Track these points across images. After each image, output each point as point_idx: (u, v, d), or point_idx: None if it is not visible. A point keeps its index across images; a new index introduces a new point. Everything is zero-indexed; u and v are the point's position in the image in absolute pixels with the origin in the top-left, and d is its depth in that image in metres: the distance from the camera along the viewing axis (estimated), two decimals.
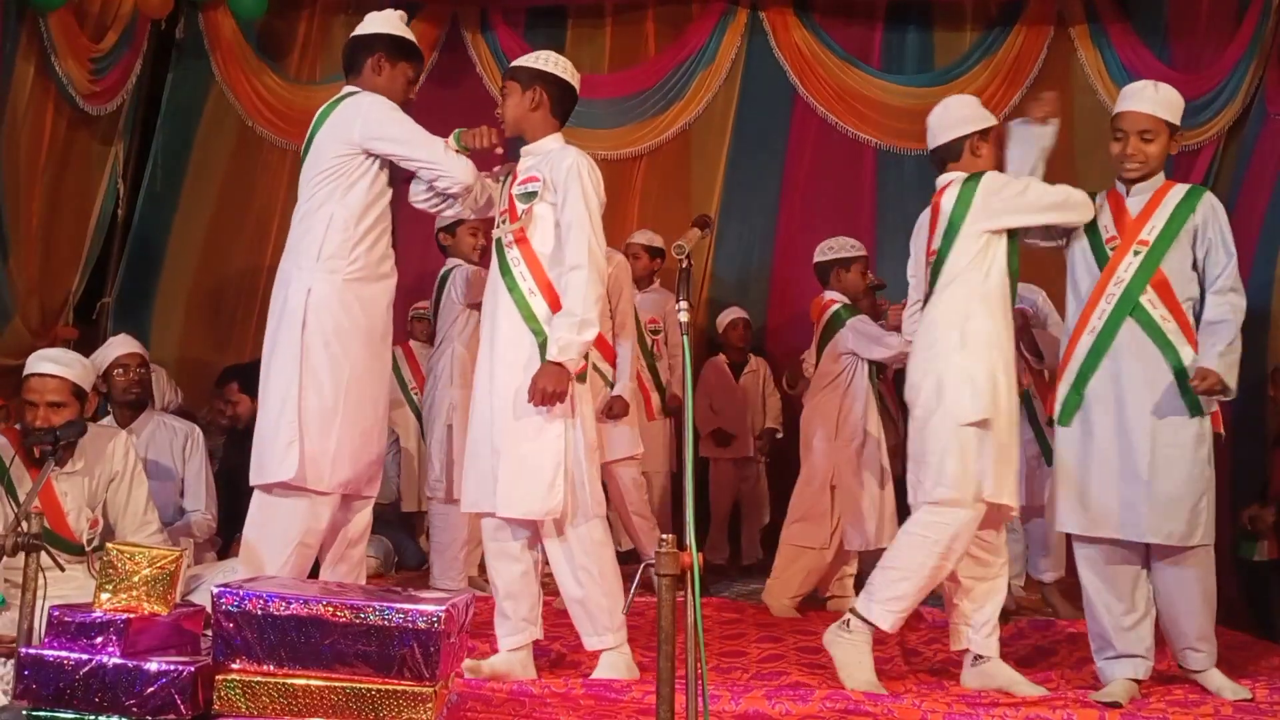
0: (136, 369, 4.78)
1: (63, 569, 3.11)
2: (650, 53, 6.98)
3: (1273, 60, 5.88)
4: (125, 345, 4.84)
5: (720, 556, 6.44)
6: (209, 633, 2.76)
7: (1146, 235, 3.49)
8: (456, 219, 5.02)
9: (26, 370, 3.80)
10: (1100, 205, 3.61)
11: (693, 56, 6.82)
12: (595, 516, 3.50)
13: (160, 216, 6.68)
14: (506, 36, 6.79)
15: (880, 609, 3.49)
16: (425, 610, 2.67)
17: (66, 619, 2.70)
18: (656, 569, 2.34)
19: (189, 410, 5.63)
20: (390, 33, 3.72)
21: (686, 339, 2.57)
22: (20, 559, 2.93)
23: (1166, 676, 3.62)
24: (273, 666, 2.68)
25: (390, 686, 2.66)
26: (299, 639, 2.67)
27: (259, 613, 2.67)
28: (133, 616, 2.72)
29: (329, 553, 3.64)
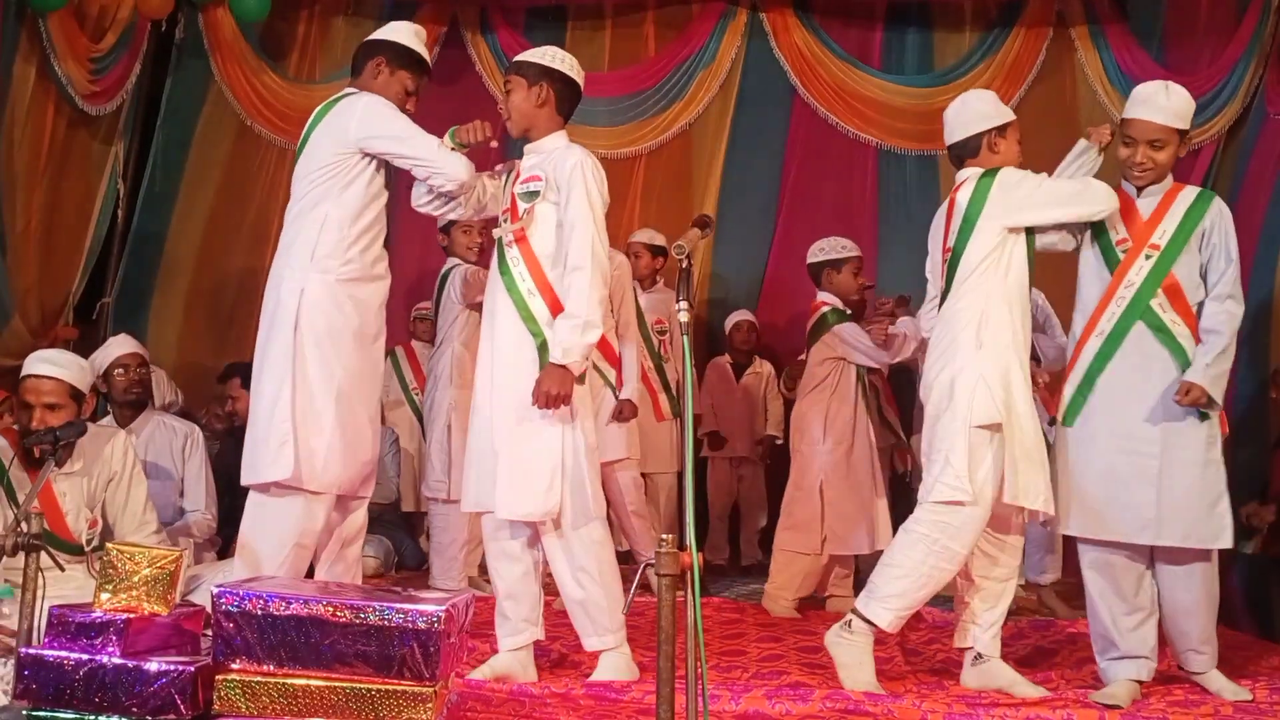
0: (137, 369, 4.78)
1: (63, 569, 3.11)
2: (650, 53, 6.98)
3: (1272, 60, 5.88)
4: (125, 345, 4.84)
5: (720, 557, 6.44)
6: (209, 633, 2.76)
7: (1158, 239, 3.49)
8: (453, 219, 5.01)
9: (23, 371, 3.79)
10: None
11: (693, 56, 6.82)
12: (595, 518, 3.49)
13: (160, 217, 6.68)
14: (506, 36, 6.79)
15: (879, 606, 3.48)
16: (425, 610, 2.67)
17: (66, 619, 2.70)
18: (656, 569, 2.34)
19: (188, 410, 5.64)
20: (396, 40, 3.70)
21: (687, 339, 2.57)
22: (20, 559, 2.93)
23: (1167, 677, 3.62)
24: (273, 666, 2.68)
25: (390, 686, 2.66)
26: (299, 639, 2.67)
27: (259, 613, 2.67)
28: (133, 616, 2.72)
29: (324, 552, 3.63)
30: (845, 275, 5.07)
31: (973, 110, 3.71)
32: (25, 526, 2.90)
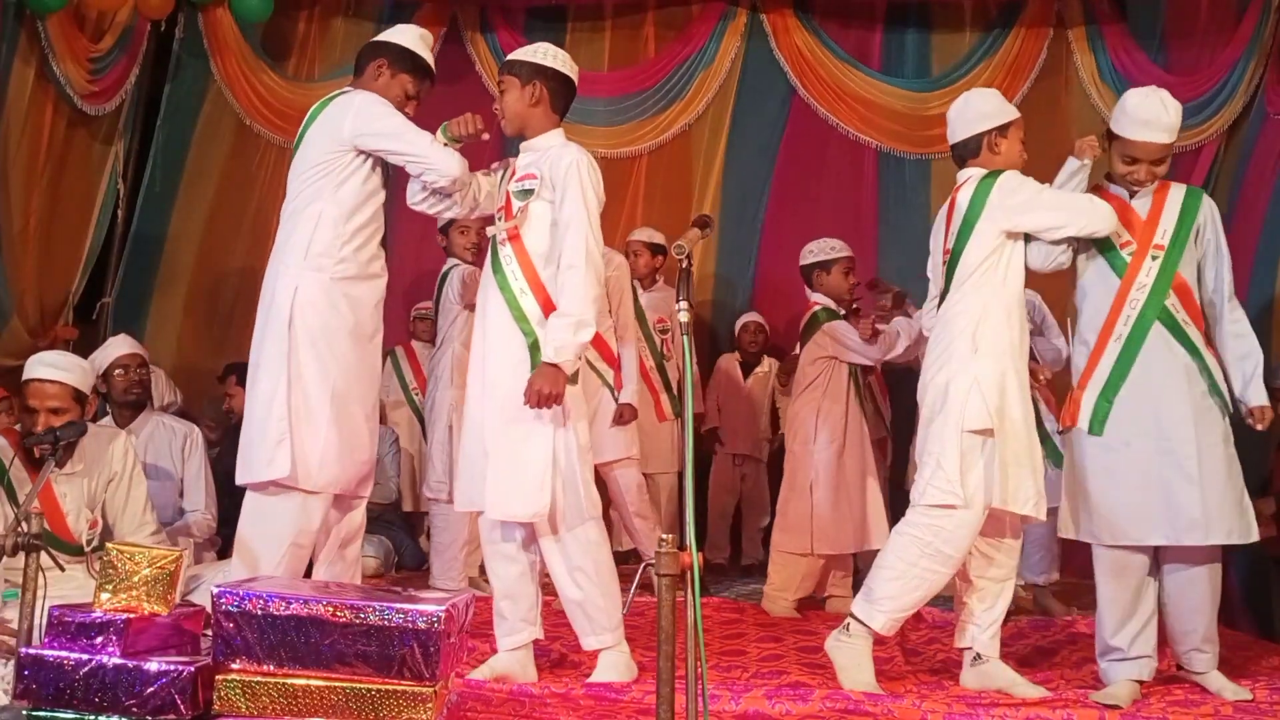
0: (136, 370, 4.78)
1: (63, 569, 3.11)
2: (650, 53, 6.98)
3: (1272, 60, 5.88)
4: (125, 346, 4.84)
5: (720, 555, 6.44)
6: (209, 633, 2.76)
7: (1160, 240, 3.49)
8: (451, 218, 5.00)
9: (26, 374, 3.78)
10: None
11: (693, 57, 6.82)
12: (590, 518, 3.47)
13: (160, 217, 6.68)
14: (506, 36, 6.78)
15: (874, 609, 3.49)
16: (425, 610, 2.67)
17: (66, 619, 2.70)
18: (656, 569, 2.33)
19: (187, 410, 5.63)
20: (399, 43, 3.68)
21: (687, 339, 2.56)
22: (20, 559, 2.93)
23: (1167, 677, 3.62)
24: (273, 666, 2.67)
25: (390, 686, 2.66)
26: (299, 639, 2.67)
27: (259, 613, 2.67)
28: (133, 616, 2.72)
29: (322, 552, 3.62)
30: (835, 276, 5.07)
31: (975, 109, 3.70)
32: (25, 526, 2.90)
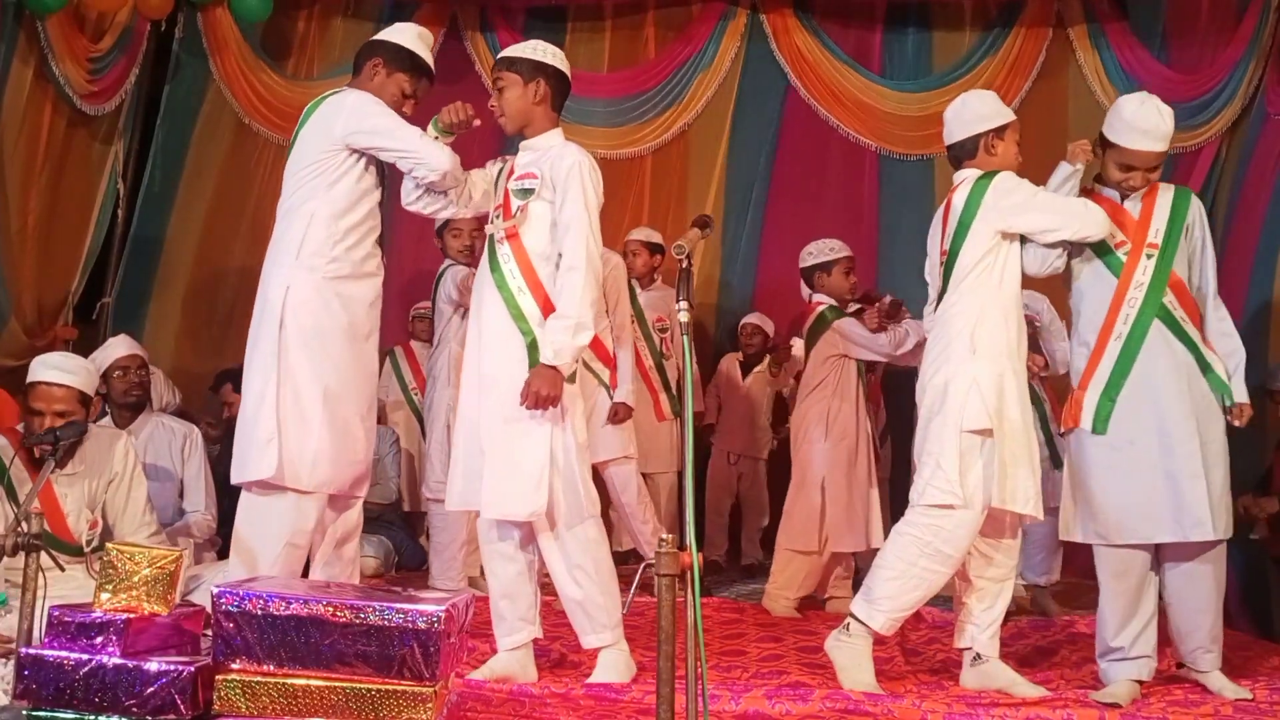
0: (136, 371, 4.78)
1: (63, 569, 3.11)
2: (650, 53, 6.98)
3: (1272, 60, 5.88)
4: (125, 347, 4.83)
5: (716, 552, 6.43)
6: (209, 633, 2.76)
7: (1154, 239, 3.51)
8: (446, 220, 4.98)
9: (32, 377, 3.77)
10: None
11: (693, 58, 6.82)
12: (589, 516, 3.47)
13: (159, 216, 6.68)
14: (506, 36, 6.78)
15: (873, 609, 3.50)
16: (425, 610, 2.67)
17: (66, 619, 2.70)
18: (656, 569, 2.33)
19: (187, 410, 5.63)
20: (396, 42, 3.66)
21: (687, 339, 2.56)
22: (20, 559, 2.93)
23: (1167, 677, 3.62)
24: (273, 666, 2.67)
25: (390, 686, 2.65)
26: (299, 639, 2.66)
27: (259, 613, 2.67)
28: (133, 616, 2.72)
29: (319, 552, 3.60)
30: (836, 277, 5.07)
31: (971, 111, 3.70)
32: (25, 526, 2.90)
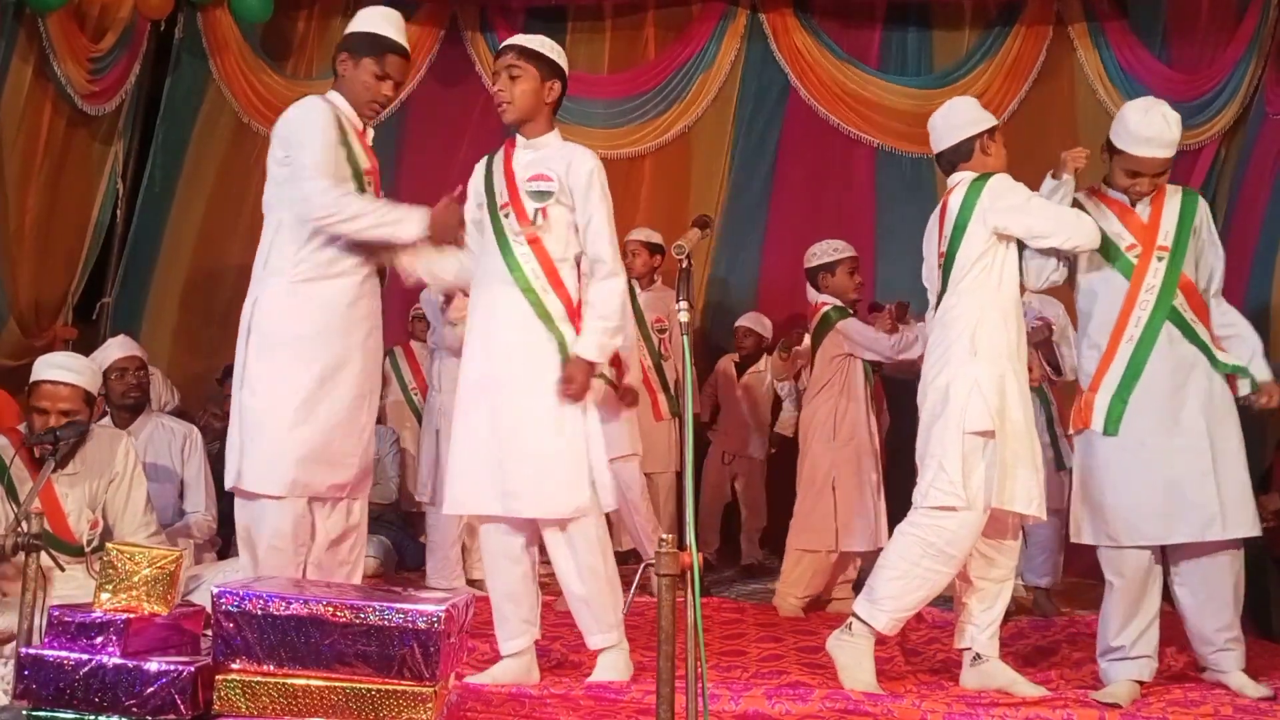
0: (135, 372, 4.78)
1: (63, 569, 3.11)
2: (650, 53, 6.98)
3: (1272, 60, 5.89)
4: (123, 348, 4.83)
5: (707, 550, 6.41)
6: (209, 633, 2.76)
7: (1164, 241, 3.52)
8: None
9: (36, 376, 3.76)
10: (1100, 212, 3.58)
11: (693, 58, 6.82)
12: (601, 514, 3.49)
13: (159, 216, 6.68)
14: (506, 37, 6.76)
15: (875, 609, 3.50)
16: (425, 610, 2.67)
17: (66, 619, 2.70)
18: (656, 569, 2.34)
19: (185, 410, 5.63)
20: (355, 30, 3.61)
21: (687, 339, 2.56)
22: (20, 559, 2.93)
23: (1167, 677, 3.62)
24: (273, 666, 2.67)
25: (390, 686, 2.66)
26: (299, 639, 2.66)
27: (259, 613, 2.67)
28: (133, 616, 2.72)
29: (310, 553, 3.58)
30: (840, 277, 5.08)
31: (962, 116, 3.72)
32: (25, 526, 2.90)
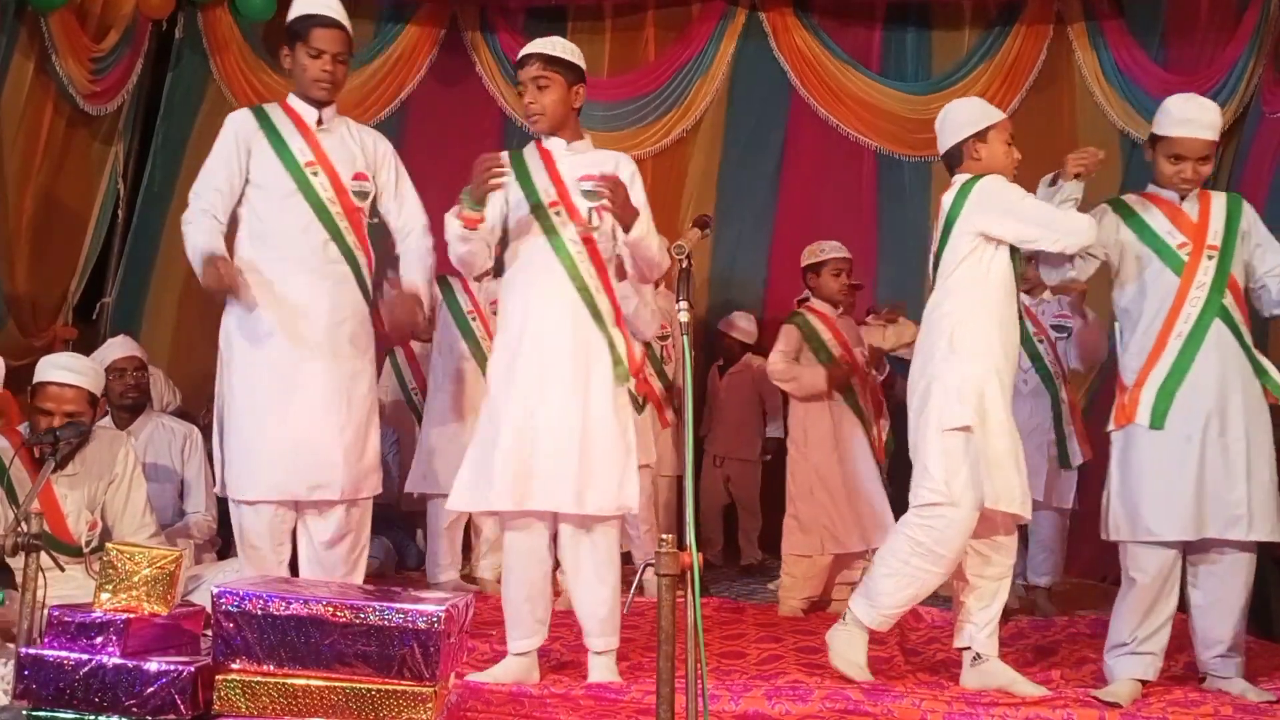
0: (134, 372, 4.78)
1: (63, 569, 3.11)
2: (650, 53, 6.97)
3: (1270, 60, 5.89)
4: (122, 348, 4.83)
5: (709, 550, 6.39)
6: (209, 633, 2.76)
7: (1214, 240, 3.53)
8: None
9: (40, 377, 3.76)
10: (1149, 212, 3.58)
11: (693, 60, 6.81)
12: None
13: (159, 216, 6.66)
14: (506, 37, 6.78)
15: (868, 605, 3.55)
16: (425, 610, 2.67)
17: (66, 619, 2.70)
18: (656, 569, 2.34)
19: (186, 410, 5.62)
20: (287, 23, 3.63)
21: (687, 339, 2.56)
22: (20, 559, 2.93)
23: (1166, 677, 3.62)
24: (273, 666, 2.67)
25: (390, 686, 2.66)
26: (299, 639, 2.67)
27: (259, 613, 2.67)
28: (133, 616, 2.72)
29: (302, 555, 3.62)
30: (825, 277, 5.10)
31: (953, 120, 3.71)
32: (25, 526, 2.90)
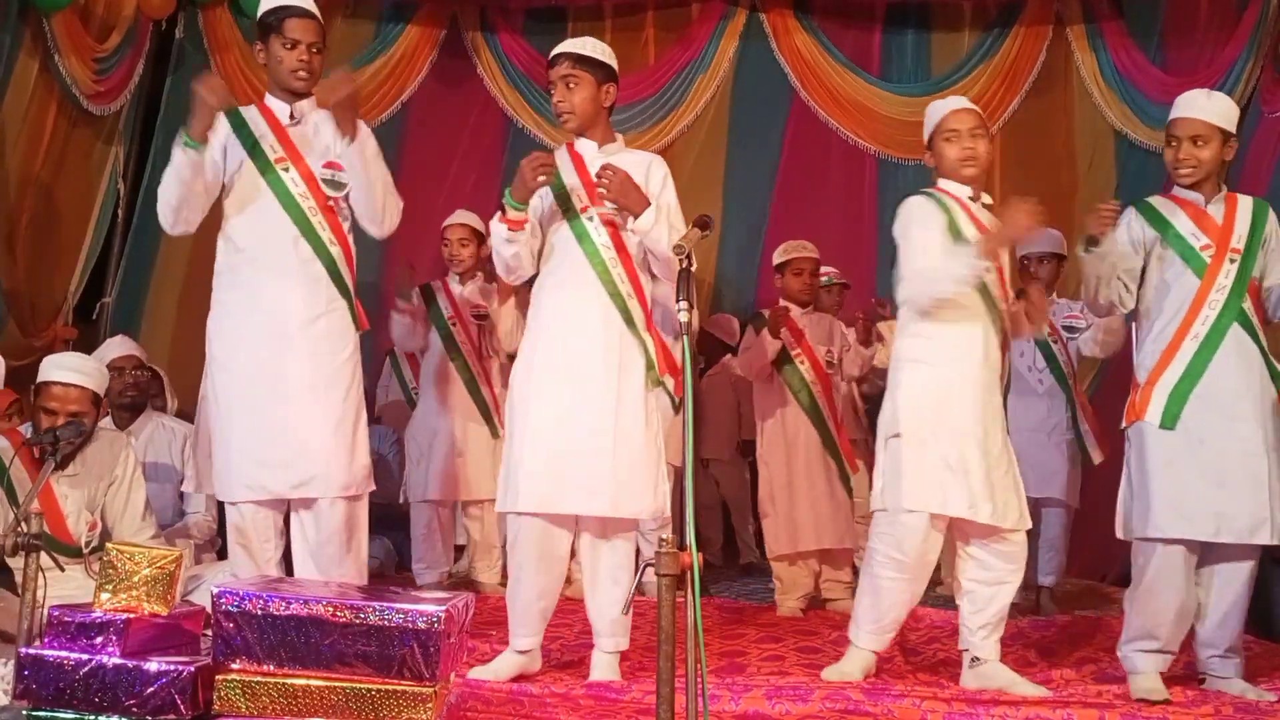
0: (132, 371, 4.78)
1: (62, 569, 3.11)
2: (650, 54, 6.98)
3: (1269, 60, 5.90)
4: (121, 348, 4.83)
5: (709, 550, 6.40)
6: (209, 633, 2.76)
7: (1237, 244, 3.52)
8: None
9: (44, 377, 3.76)
10: (1173, 213, 3.57)
11: (693, 61, 6.81)
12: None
13: (158, 217, 6.66)
14: (507, 37, 6.79)
15: (856, 627, 3.62)
16: (425, 610, 2.67)
17: (66, 619, 2.70)
18: (656, 569, 2.34)
19: (186, 410, 5.62)
20: (258, 19, 3.61)
21: (687, 339, 2.56)
22: (20, 560, 2.93)
23: (1165, 677, 3.60)
24: (273, 666, 2.67)
25: (390, 686, 2.66)
26: (299, 639, 2.66)
27: (259, 613, 2.67)
28: (133, 616, 2.72)
29: (296, 554, 3.62)
30: (788, 278, 5.15)
31: (925, 126, 3.72)
32: (25, 527, 2.90)
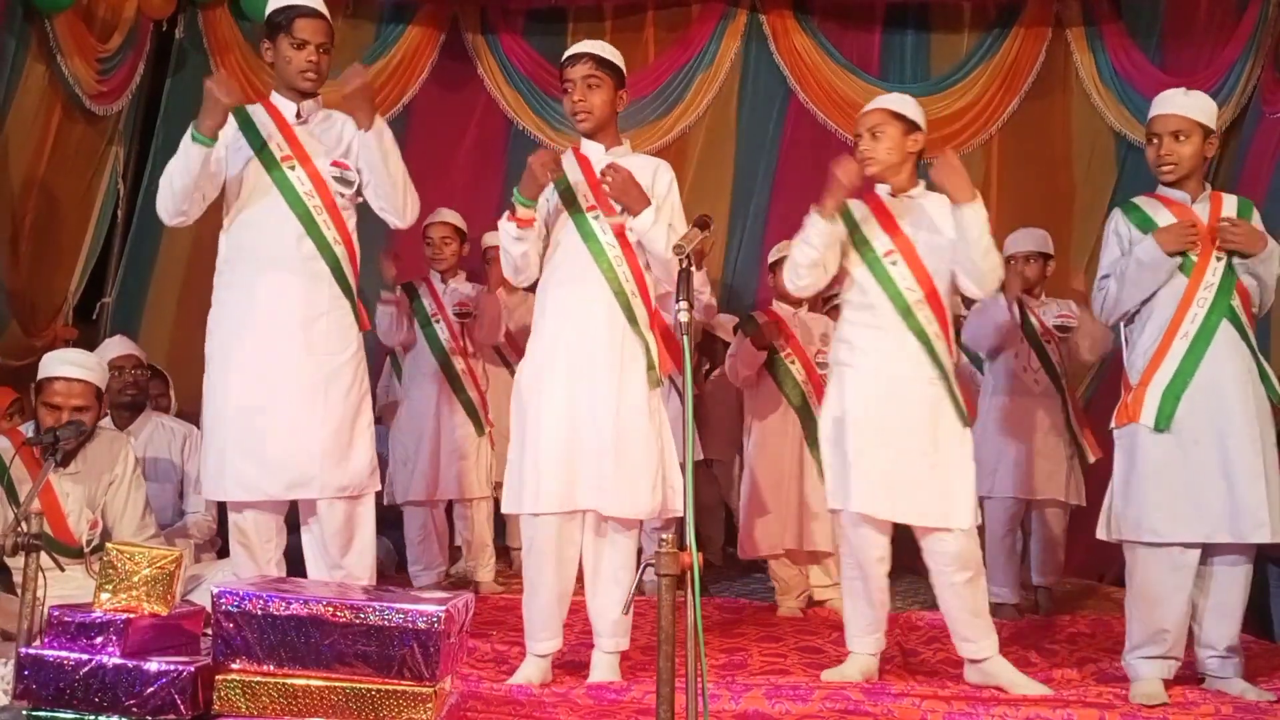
0: (131, 371, 4.78)
1: (63, 569, 3.11)
2: (650, 54, 6.97)
3: (1269, 60, 5.90)
4: (120, 347, 4.83)
5: (710, 549, 6.38)
6: (209, 633, 2.76)
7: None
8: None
9: (47, 373, 3.76)
10: (1159, 212, 3.56)
11: (692, 61, 6.80)
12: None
13: (158, 217, 6.66)
14: (507, 38, 6.78)
15: (850, 636, 3.63)
16: (425, 610, 2.67)
17: (66, 619, 2.70)
18: (656, 569, 2.34)
19: (185, 411, 5.62)
20: (266, 17, 3.65)
21: (687, 339, 2.56)
22: (20, 560, 2.93)
23: (1166, 678, 3.61)
24: (273, 666, 2.67)
25: (390, 686, 2.66)
26: (299, 639, 2.66)
27: (259, 613, 2.67)
28: (133, 616, 2.72)
29: (307, 554, 3.62)
30: (778, 276, 5.13)
31: None
32: (25, 526, 2.90)
